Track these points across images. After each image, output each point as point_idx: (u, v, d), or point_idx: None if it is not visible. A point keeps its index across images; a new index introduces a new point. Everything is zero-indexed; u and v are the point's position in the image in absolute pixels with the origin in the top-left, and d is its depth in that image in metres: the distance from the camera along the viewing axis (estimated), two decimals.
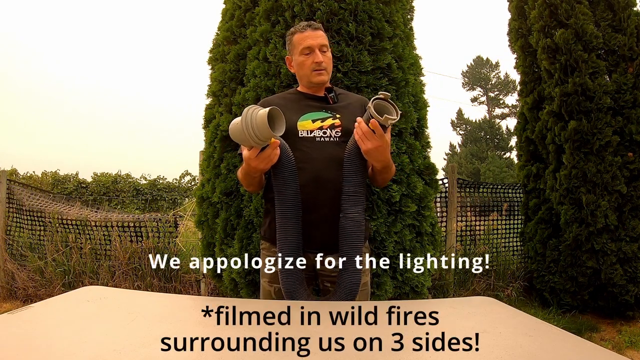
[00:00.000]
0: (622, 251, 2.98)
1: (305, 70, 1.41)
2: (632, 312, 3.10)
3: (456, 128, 23.62)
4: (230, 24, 2.31)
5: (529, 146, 3.56)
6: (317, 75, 1.40)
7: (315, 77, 1.40)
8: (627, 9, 3.15)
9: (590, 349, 0.69)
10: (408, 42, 2.30)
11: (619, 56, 3.12)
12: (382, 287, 2.04)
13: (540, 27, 3.23)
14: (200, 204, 2.42)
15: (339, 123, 1.36)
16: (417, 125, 2.21)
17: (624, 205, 3.01)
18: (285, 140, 1.32)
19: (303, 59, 1.41)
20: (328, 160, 1.30)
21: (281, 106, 1.41)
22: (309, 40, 1.39)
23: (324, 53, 1.41)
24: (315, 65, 1.39)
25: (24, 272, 3.62)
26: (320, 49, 1.40)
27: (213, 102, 2.41)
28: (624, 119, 3.03)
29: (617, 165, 2.99)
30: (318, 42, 1.39)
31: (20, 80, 51.59)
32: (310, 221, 1.29)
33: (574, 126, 3.03)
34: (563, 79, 3.13)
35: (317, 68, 1.39)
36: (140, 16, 71.26)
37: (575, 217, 3.07)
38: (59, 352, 0.62)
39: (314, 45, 1.39)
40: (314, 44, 1.39)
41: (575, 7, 3.10)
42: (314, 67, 1.39)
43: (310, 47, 1.39)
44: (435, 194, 2.39)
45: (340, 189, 1.23)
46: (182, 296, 1.16)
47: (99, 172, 10.16)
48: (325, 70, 1.40)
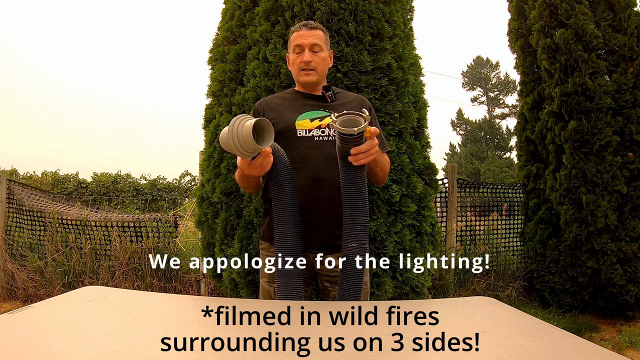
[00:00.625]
0: (622, 251, 2.98)
1: (295, 69, 1.42)
2: (632, 312, 3.10)
3: (456, 128, 23.62)
4: (230, 24, 2.31)
5: (529, 146, 3.56)
6: (304, 75, 1.39)
7: (302, 77, 1.40)
8: (627, 9, 3.15)
9: (590, 349, 0.69)
10: (408, 42, 2.30)
11: (619, 56, 3.12)
12: (382, 287, 2.04)
13: (540, 27, 3.23)
14: (200, 204, 2.42)
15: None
16: (417, 125, 2.21)
17: (624, 205, 3.01)
18: (284, 139, 1.31)
19: (294, 58, 1.41)
20: (327, 159, 1.29)
21: (279, 106, 1.41)
22: (300, 39, 1.38)
23: (316, 53, 1.39)
24: (303, 64, 1.38)
25: (24, 272, 3.62)
26: (311, 49, 1.38)
27: (213, 102, 2.41)
28: (624, 119, 3.03)
29: (617, 165, 2.99)
30: (309, 42, 1.38)
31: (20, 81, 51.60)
32: (310, 221, 1.28)
33: (574, 126, 3.03)
34: (563, 79, 3.13)
35: (304, 67, 1.38)
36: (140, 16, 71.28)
37: (575, 217, 3.07)
38: (59, 352, 0.62)
39: (304, 45, 1.38)
40: (304, 43, 1.38)
41: (575, 7, 3.10)
42: (302, 66, 1.38)
43: (300, 46, 1.39)
44: (435, 194, 2.39)
45: (339, 188, 1.21)
46: (182, 296, 1.16)
47: (99, 172, 10.16)
48: (314, 71, 1.39)
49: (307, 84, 1.41)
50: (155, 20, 72.95)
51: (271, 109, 1.41)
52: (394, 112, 2.07)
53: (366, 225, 1.18)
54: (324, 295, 1.39)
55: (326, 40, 1.44)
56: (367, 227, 1.19)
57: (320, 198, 1.29)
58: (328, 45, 1.45)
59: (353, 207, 1.16)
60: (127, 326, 0.75)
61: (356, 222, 1.16)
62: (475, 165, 19.19)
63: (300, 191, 1.27)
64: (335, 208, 1.22)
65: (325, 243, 1.31)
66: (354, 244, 1.16)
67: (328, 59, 1.45)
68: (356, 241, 1.16)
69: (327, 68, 1.46)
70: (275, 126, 1.32)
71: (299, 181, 1.27)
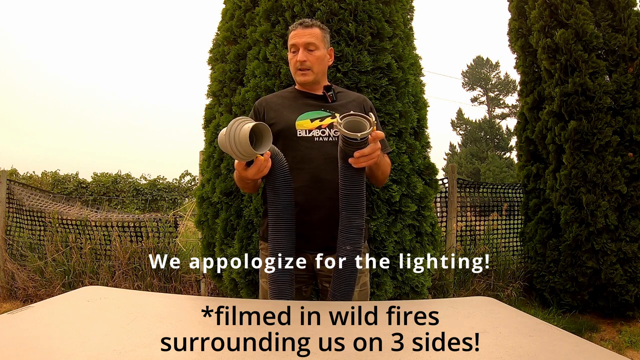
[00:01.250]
0: (622, 251, 2.98)
1: (291, 69, 1.41)
2: (632, 312, 3.10)
3: (456, 128, 23.62)
4: (230, 24, 2.31)
5: (529, 146, 3.56)
6: (300, 75, 1.38)
7: (298, 77, 1.39)
8: (627, 9, 3.15)
9: (590, 349, 0.69)
10: (408, 42, 2.30)
11: (619, 56, 3.12)
12: (382, 287, 2.04)
13: (541, 27, 3.23)
14: (200, 204, 2.41)
15: None
16: (417, 125, 2.21)
17: (624, 205, 3.01)
18: (284, 139, 1.31)
19: (290, 57, 1.40)
20: (327, 160, 1.29)
21: (279, 105, 1.40)
22: (295, 38, 1.37)
23: (311, 52, 1.37)
24: (298, 64, 1.37)
25: (24, 272, 3.62)
26: (306, 48, 1.36)
27: (213, 102, 2.41)
28: (624, 119, 3.03)
29: (617, 165, 2.99)
30: (303, 41, 1.36)
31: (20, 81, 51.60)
32: (310, 222, 1.28)
33: (574, 126, 3.03)
34: (563, 79, 3.13)
35: (300, 67, 1.37)
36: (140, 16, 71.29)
37: (575, 217, 3.07)
38: (59, 352, 0.62)
39: (299, 44, 1.37)
40: (299, 42, 1.36)
41: (575, 7, 3.10)
42: (297, 66, 1.37)
43: (295, 45, 1.38)
44: (435, 194, 2.39)
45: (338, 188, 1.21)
46: (182, 296, 1.16)
47: (99, 172, 10.16)
48: (309, 70, 1.37)
49: (303, 84, 1.41)
50: (155, 20, 72.99)
51: (271, 109, 1.40)
52: (394, 112, 2.07)
53: (361, 228, 1.18)
54: (324, 295, 1.39)
55: (323, 38, 1.40)
56: (362, 229, 1.18)
57: (320, 199, 1.28)
58: (326, 43, 1.42)
59: (350, 209, 1.16)
60: (127, 326, 0.75)
61: (352, 225, 1.16)
62: (475, 165, 19.19)
63: (300, 192, 1.26)
64: (335, 209, 1.21)
65: (324, 244, 1.31)
66: (348, 247, 1.16)
67: (326, 57, 1.42)
68: (350, 244, 1.16)
69: (326, 66, 1.43)
70: (275, 126, 1.32)
71: (299, 182, 1.27)
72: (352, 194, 1.15)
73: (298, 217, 1.24)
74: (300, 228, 1.25)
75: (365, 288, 1.39)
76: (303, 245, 1.29)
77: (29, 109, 47.63)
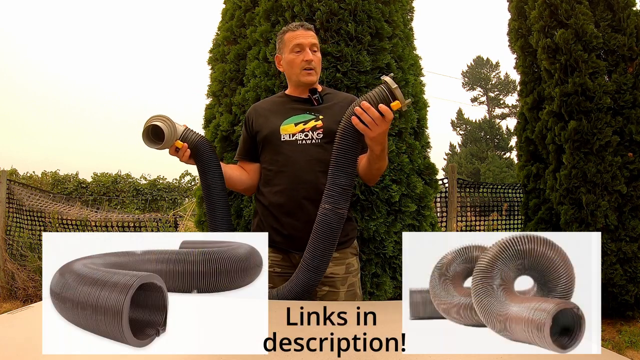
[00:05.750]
0: (622, 251, 2.98)
1: (295, 69, 1.40)
2: (632, 312, 3.10)
3: (456, 128, 23.62)
4: (230, 24, 2.32)
5: (529, 146, 3.56)
6: (306, 75, 1.39)
7: (305, 77, 1.39)
8: (627, 9, 3.15)
9: None
10: (408, 42, 2.30)
11: (618, 56, 3.12)
12: (382, 287, 2.04)
13: (540, 27, 3.23)
14: (200, 204, 2.41)
15: (321, 124, 1.34)
16: (417, 125, 2.21)
17: (624, 205, 3.01)
18: (269, 144, 1.36)
19: (293, 57, 1.39)
20: (309, 162, 1.31)
21: (267, 111, 1.44)
22: (300, 38, 1.38)
23: (314, 53, 1.40)
24: (305, 63, 1.37)
25: (24, 272, 3.62)
26: (311, 48, 1.39)
27: (213, 102, 2.41)
28: (624, 119, 3.04)
29: (617, 165, 2.99)
30: (309, 41, 1.38)
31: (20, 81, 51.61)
32: (292, 223, 1.30)
33: (574, 126, 3.03)
34: (563, 79, 3.13)
35: (306, 67, 1.38)
36: (140, 16, 71.31)
37: (575, 217, 3.07)
38: (58, 352, 0.62)
39: (305, 44, 1.38)
40: (305, 42, 1.38)
41: (575, 7, 3.10)
42: (304, 65, 1.37)
43: (301, 45, 1.38)
44: (435, 194, 2.39)
45: (322, 189, 1.20)
46: None
47: (99, 172, 10.17)
48: (314, 70, 1.39)
49: (308, 84, 1.41)
50: (155, 20, 73.03)
51: (260, 115, 1.43)
52: (394, 112, 2.07)
53: (345, 188, 1.16)
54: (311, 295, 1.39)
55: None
56: (346, 190, 1.16)
57: (300, 199, 1.30)
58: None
59: (336, 168, 1.16)
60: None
61: (334, 182, 1.15)
62: (475, 165, 19.20)
63: (283, 194, 1.31)
64: (316, 209, 1.20)
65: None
66: (326, 206, 1.15)
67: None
68: (330, 203, 1.15)
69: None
70: (261, 133, 1.39)
71: (281, 184, 1.31)
72: (341, 155, 1.15)
73: (282, 219, 1.30)
74: (284, 229, 1.30)
75: (352, 289, 1.37)
76: (289, 245, 1.32)
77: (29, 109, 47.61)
